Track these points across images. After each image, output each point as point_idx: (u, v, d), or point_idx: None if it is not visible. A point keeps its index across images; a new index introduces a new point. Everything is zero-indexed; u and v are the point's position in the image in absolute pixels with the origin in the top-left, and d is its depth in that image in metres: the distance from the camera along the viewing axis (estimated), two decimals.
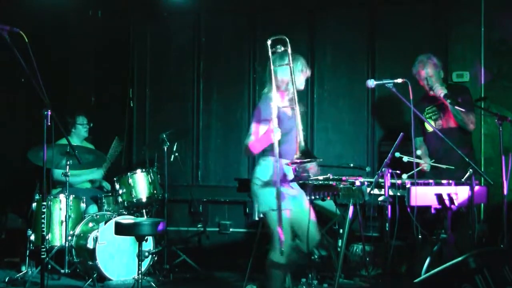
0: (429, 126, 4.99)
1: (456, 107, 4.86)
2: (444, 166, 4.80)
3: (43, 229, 4.01)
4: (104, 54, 6.97)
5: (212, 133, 6.70)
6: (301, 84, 4.06)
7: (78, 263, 5.24)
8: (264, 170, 3.90)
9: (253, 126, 3.87)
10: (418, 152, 4.50)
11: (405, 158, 4.46)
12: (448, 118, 5.01)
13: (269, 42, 3.76)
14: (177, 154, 5.96)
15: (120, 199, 5.59)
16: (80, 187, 5.97)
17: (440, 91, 4.87)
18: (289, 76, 3.82)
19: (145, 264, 5.21)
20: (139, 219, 4.80)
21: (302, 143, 3.68)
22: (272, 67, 3.77)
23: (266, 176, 3.87)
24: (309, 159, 3.67)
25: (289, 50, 3.77)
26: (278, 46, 3.82)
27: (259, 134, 3.82)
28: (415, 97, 4.25)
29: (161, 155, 5.86)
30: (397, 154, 4.49)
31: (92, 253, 5.09)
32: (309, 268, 5.03)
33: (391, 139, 4.52)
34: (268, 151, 3.84)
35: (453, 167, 4.78)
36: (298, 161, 3.66)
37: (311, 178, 4.19)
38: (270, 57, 3.77)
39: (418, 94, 4.89)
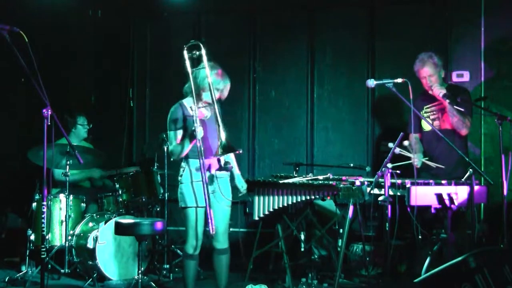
0: (427, 125, 4.99)
1: (455, 107, 4.86)
2: (434, 165, 4.80)
3: (43, 228, 4.01)
4: (104, 54, 6.97)
5: None
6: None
7: (78, 263, 5.25)
8: (183, 172, 4.21)
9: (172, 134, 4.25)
10: (406, 143, 4.50)
11: (397, 150, 4.46)
12: (446, 119, 5.01)
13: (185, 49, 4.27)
14: None
15: (120, 199, 5.59)
16: (80, 187, 5.97)
17: (439, 91, 4.87)
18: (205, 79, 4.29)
19: (145, 263, 5.21)
20: (139, 219, 4.80)
21: (223, 139, 3.98)
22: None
23: (184, 177, 4.20)
24: (229, 152, 4.01)
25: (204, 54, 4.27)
26: (194, 52, 4.25)
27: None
28: (414, 94, 4.26)
29: (161, 155, 5.86)
30: (391, 145, 4.50)
31: (92, 252, 5.09)
32: (309, 268, 5.04)
33: (391, 138, 4.51)
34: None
35: (443, 166, 4.78)
36: (221, 156, 4.08)
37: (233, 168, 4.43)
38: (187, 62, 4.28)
39: (417, 92, 4.89)
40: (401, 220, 4.28)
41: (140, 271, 4.42)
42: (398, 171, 4.34)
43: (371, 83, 4.41)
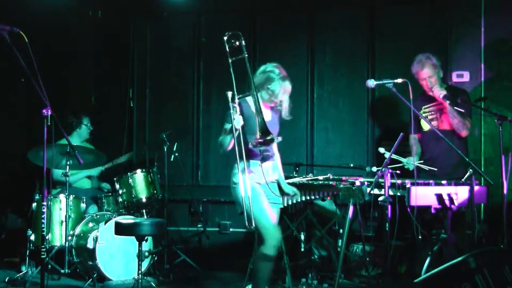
0: (426, 125, 4.99)
1: (456, 108, 4.86)
2: (426, 168, 4.80)
3: (43, 229, 4.01)
4: (104, 54, 6.97)
5: (212, 133, 6.69)
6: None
7: (78, 263, 5.24)
8: (236, 174, 4.01)
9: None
10: (381, 150, 4.57)
11: (386, 154, 4.48)
12: (444, 120, 5.01)
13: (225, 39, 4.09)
14: (177, 154, 5.96)
15: (120, 199, 5.59)
16: (80, 188, 5.97)
17: (440, 92, 4.87)
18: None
19: (145, 264, 5.21)
20: (139, 219, 4.80)
21: (260, 119, 3.87)
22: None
23: (238, 178, 3.95)
24: (269, 138, 3.86)
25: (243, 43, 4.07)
26: (234, 41, 4.08)
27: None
28: (414, 94, 4.26)
29: (161, 155, 5.87)
30: (381, 151, 4.52)
31: (92, 253, 5.09)
32: (309, 268, 5.04)
33: (391, 139, 4.52)
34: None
35: (435, 169, 4.78)
36: (260, 140, 3.86)
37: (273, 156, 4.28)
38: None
39: (416, 92, 4.89)
40: (401, 221, 4.28)
41: (140, 272, 4.42)
42: (398, 171, 4.34)
43: (371, 83, 4.41)
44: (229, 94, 3.92)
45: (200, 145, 6.74)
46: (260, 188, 4.10)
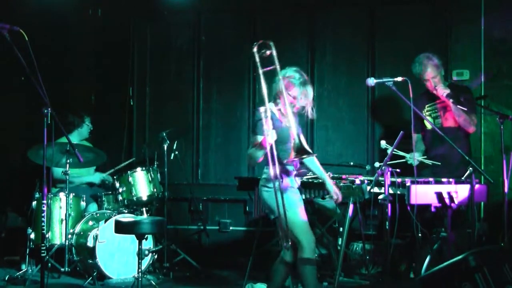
0: (429, 124, 4.99)
1: (459, 106, 4.87)
2: (430, 162, 4.80)
3: (43, 227, 4.01)
4: (104, 53, 6.97)
5: (212, 131, 6.70)
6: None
7: (78, 261, 5.25)
8: (269, 178, 3.91)
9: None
10: (382, 144, 4.57)
11: (389, 150, 4.48)
12: (448, 117, 5.02)
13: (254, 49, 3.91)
14: (177, 152, 5.97)
15: (120, 198, 5.60)
16: (80, 186, 5.97)
17: (443, 91, 4.88)
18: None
19: (145, 262, 5.21)
20: (139, 218, 4.80)
21: (297, 141, 3.77)
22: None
23: (271, 183, 3.87)
24: (305, 155, 3.78)
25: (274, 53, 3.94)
26: (263, 51, 3.93)
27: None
28: (414, 93, 4.26)
29: (161, 154, 5.87)
30: (383, 145, 4.52)
31: (92, 251, 5.09)
32: None
33: (391, 137, 4.52)
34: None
35: (439, 163, 4.78)
36: (296, 158, 3.79)
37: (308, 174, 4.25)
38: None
39: (417, 91, 4.90)
40: (401, 219, 4.28)
41: (140, 270, 4.42)
42: (398, 170, 4.35)
43: (371, 81, 4.42)
44: (262, 109, 3.82)
45: (200, 143, 6.74)
46: (293, 191, 4.03)
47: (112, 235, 4.98)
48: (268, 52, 3.93)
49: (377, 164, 4.57)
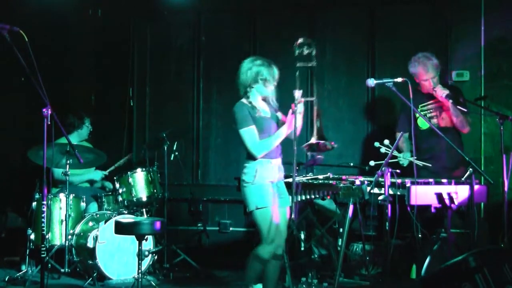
0: (424, 123, 4.99)
1: (458, 107, 4.87)
2: (421, 164, 4.79)
3: (43, 228, 4.01)
4: (104, 53, 6.97)
5: (212, 132, 6.70)
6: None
7: (78, 262, 5.25)
8: (250, 173, 4.04)
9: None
10: (386, 142, 4.55)
11: (382, 149, 4.48)
12: (445, 117, 5.01)
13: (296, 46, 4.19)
14: (177, 153, 5.96)
15: (120, 198, 5.59)
16: (80, 186, 5.97)
17: (443, 92, 4.88)
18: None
19: (145, 263, 5.21)
20: (139, 218, 4.80)
21: (318, 124, 3.98)
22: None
23: (251, 178, 4.01)
24: (323, 141, 3.95)
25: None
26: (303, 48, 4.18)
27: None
28: (413, 94, 4.25)
29: (161, 154, 5.86)
30: (376, 144, 4.53)
31: (92, 252, 5.09)
32: (309, 267, 5.04)
33: (390, 138, 4.52)
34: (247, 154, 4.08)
35: (429, 165, 4.78)
36: (316, 142, 3.96)
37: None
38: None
39: (415, 92, 4.89)
40: (401, 220, 4.28)
41: (140, 271, 4.42)
42: (398, 171, 4.35)
43: (371, 82, 4.42)
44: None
45: (200, 144, 6.74)
46: (272, 187, 4.07)
47: (112, 236, 4.97)
48: (307, 51, 4.16)
49: (372, 163, 4.58)
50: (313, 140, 3.95)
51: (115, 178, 5.67)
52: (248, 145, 4.05)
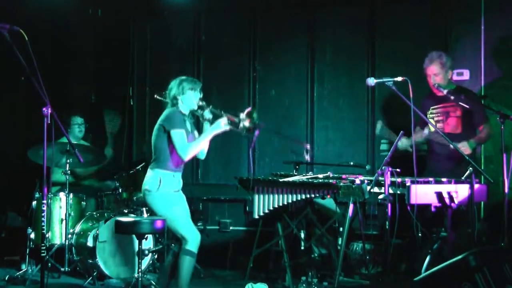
0: (431, 126, 4.99)
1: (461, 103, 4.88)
2: (440, 131, 4.78)
3: (43, 227, 4.01)
4: (104, 52, 6.97)
5: None
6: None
7: (78, 261, 5.25)
8: (153, 181, 4.32)
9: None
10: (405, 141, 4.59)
11: (384, 146, 4.49)
12: (450, 123, 5.02)
13: None
14: None
15: (120, 197, 5.59)
16: (80, 185, 5.97)
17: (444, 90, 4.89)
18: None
19: (145, 262, 5.21)
20: (139, 218, 4.80)
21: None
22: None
23: (155, 186, 4.30)
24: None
25: None
26: None
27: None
28: (418, 94, 4.26)
29: None
30: (378, 125, 4.52)
31: (92, 251, 5.09)
32: (309, 267, 5.04)
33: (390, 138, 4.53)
34: (154, 163, 4.38)
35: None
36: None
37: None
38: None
39: (417, 92, 4.88)
40: (401, 219, 4.28)
41: (140, 270, 4.42)
42: (398, 170, 4.35)
43: (371, 81, 4.42)
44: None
45: None
46: (176, 196, 4.45)
47: (112, 235, 4.98)
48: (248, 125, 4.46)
49: (368, 167, 4.60)
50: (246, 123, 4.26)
51: (115, 177, 5.68)
52: (177, 146, 4.31)
